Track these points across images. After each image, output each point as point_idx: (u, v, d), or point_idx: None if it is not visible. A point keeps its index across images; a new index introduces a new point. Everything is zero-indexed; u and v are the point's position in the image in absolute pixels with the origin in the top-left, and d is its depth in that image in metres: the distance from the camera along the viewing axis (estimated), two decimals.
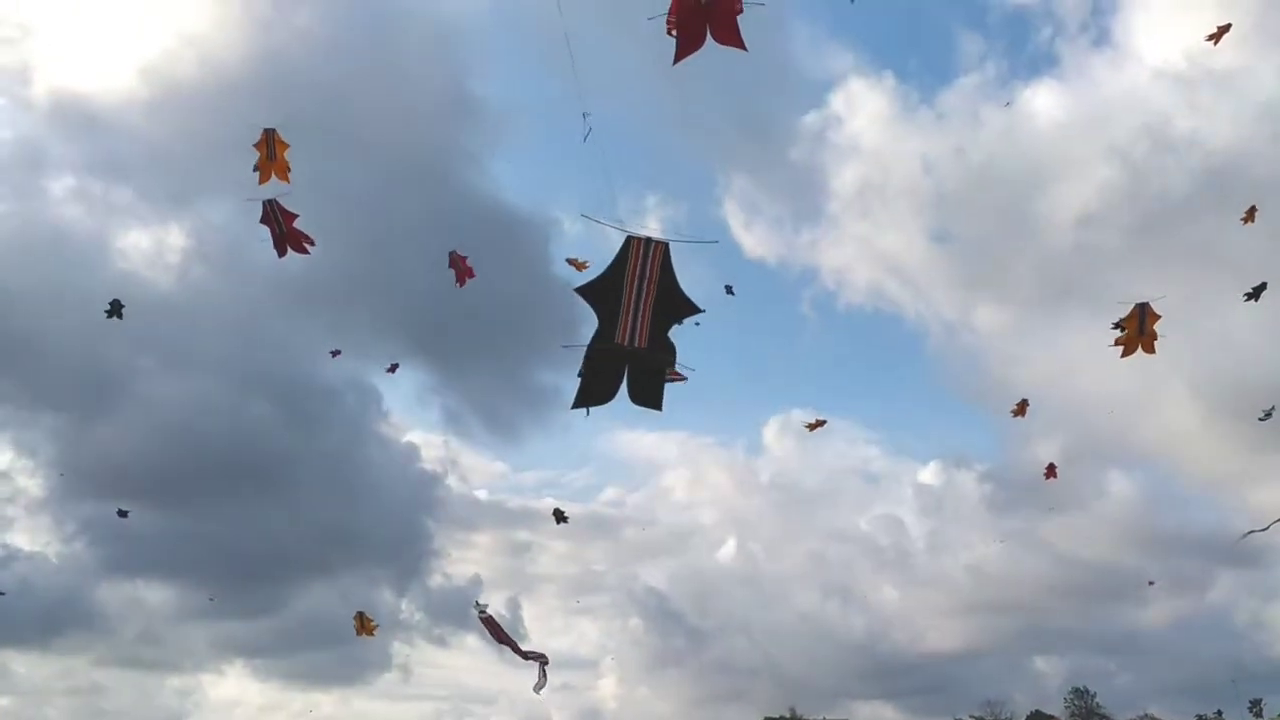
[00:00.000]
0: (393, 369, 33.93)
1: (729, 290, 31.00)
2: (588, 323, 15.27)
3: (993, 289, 53.78)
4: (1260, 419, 31.21)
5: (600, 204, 15.31)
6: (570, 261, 29.02)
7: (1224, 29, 24.67)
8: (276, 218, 19.14)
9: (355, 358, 42.04)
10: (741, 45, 13.88)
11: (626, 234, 15.05)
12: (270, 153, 19.25)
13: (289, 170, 19.29)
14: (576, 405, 15.81)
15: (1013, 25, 58.87)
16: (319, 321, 44.94)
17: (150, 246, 48.76)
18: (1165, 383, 44.76)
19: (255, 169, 19.36)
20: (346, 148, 42.85)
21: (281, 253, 19.59)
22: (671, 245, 15.13)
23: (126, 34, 47.40)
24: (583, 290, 15.33)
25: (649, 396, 15.87)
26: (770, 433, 58.54)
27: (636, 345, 15.29)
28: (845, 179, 57.98)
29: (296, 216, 19.41)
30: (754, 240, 50.11)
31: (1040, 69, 53.96)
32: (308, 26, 48.08)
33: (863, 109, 59.27)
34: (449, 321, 41.99)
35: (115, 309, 23.31)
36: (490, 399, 52.58)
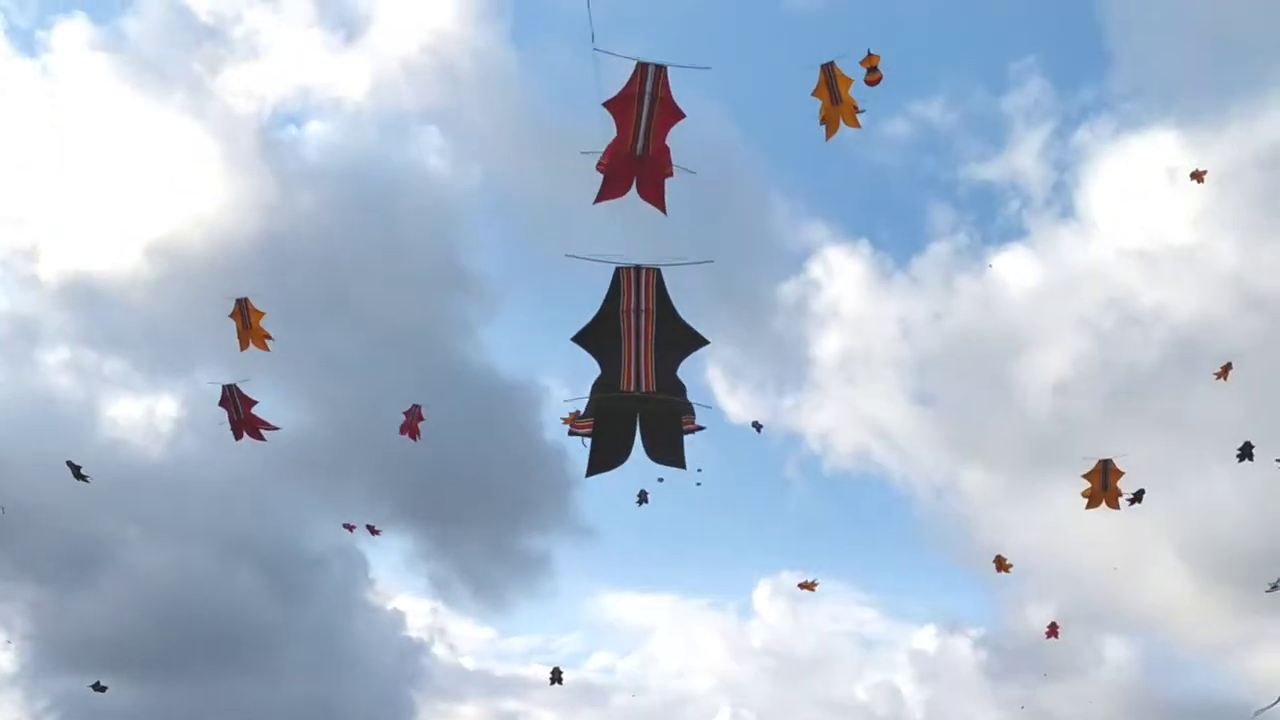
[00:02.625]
0: (374, 531, 33.65)
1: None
2: (579, 486, 14.51)
3: (977, 453, 53.82)
4: (1268, 590, 30.96)
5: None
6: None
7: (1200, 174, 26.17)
8: (235, 403, 19.41)
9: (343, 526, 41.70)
10: (662, 208, 13.74)
11: (614, 265, 13.99)
12: (245, 321, 19.58)
13: (268, 338, 19.71)
14: (591, 472, 14.63)
15: (981, 198, 60.76)
16: (308, 488, 44.87)
17: (141, 416, 48.94)
18: (1153, 548, 44.45)
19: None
20: (344, 320, 43.89)
21: (238, 437, 19.71)
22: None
23: (136, 214, 49.78)
24: (580, 338, 14.22)
25: (669, 452, 14.67)
26: (761, 595, 57.60)
27: (645, 388, 14.12)
28: (826, 343, 58.79)
29: (255, 403, 19.60)
30: (738, 405, 51.00)
31: (1010, 238, 56.23)
32: (311, 210, 49.90)
33: (840, 275, 60.52)
34: (439, 488, 42.07)
35: (75, 472, 22.80)
36: (478, 565, 51.84)
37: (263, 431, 19.92)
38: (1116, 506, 21.14)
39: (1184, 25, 51.35)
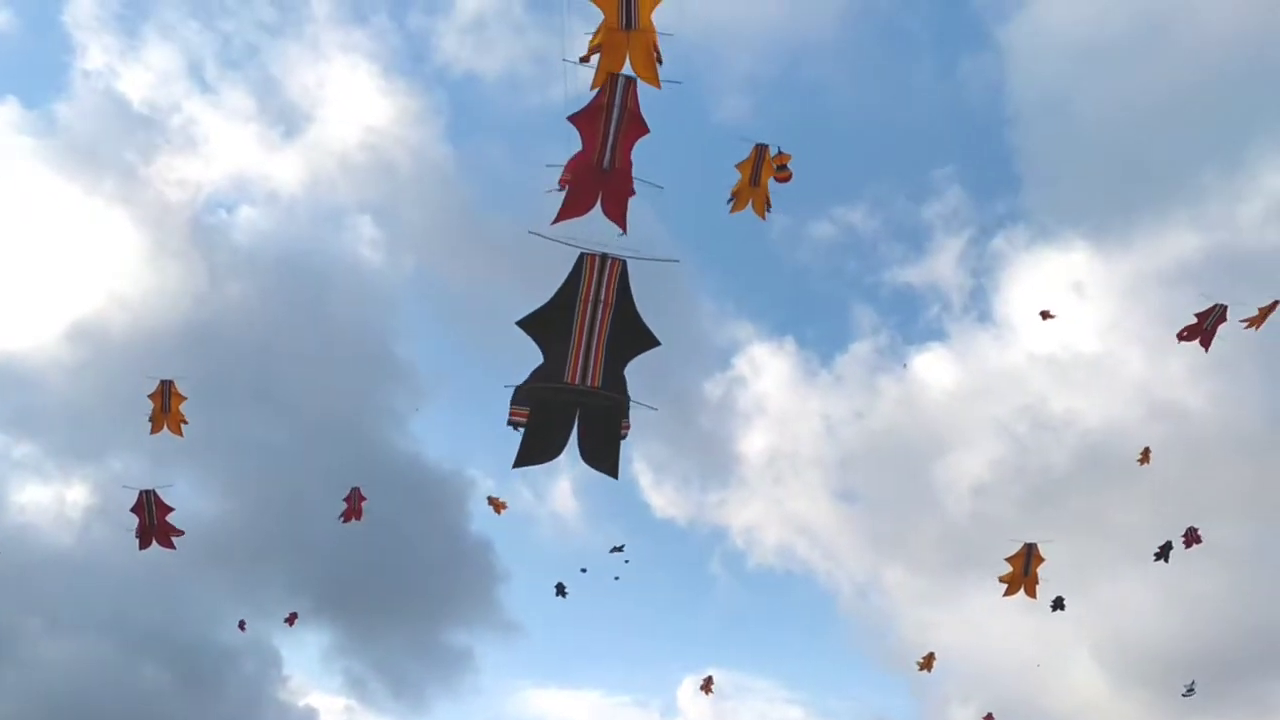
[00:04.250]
0: (291, 619, 32.65)
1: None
2: (503, 582, 13.78)
3: (899, 551, 54.41)
4: (1183, 695, 31.54)
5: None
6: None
7: (1047, 314, 27.79)
8: (150, 509, 18.93)
9: (258, 618, 40.57)
10: (623, 226, 13.17)
11: (579, 250, 13.32)
12: (165, 404, 19.34)
13: (184, 423, 19.42)
14: (519, 464, 14.05)
15: (902, 300, 62.64)
16: (224, 579, 43.65)
17: (50, 502, 47.43)
18: (1070, 649, 45.00)
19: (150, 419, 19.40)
20: (270, 408, 43.42)
21: (144, 545, 19.14)
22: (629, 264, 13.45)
23: (59, 297, 49.11)
24: (526, 322, 13.56)
25: (604, 458, 14.05)
26: (685, 694, 56.83)
27: (590, 383, 13.47)
28: (751, 439, 59.34)
29: (171, 510, 19.10)
30: (664, 500, 51.14)
31: (930, 339, 58.02)
32: (241, 297, 49.58)
33: (766, 372, 61.43)
34: (360, 580, 41.24)
35: None
36: (398, 662, 50.52)
37: (171, 539, 19.45)
38: (1034, 595, 21.41)
39: (1088, 151, 54.24)
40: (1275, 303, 20.43)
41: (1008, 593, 21.57)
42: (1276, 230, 46.52)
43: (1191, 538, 26.45)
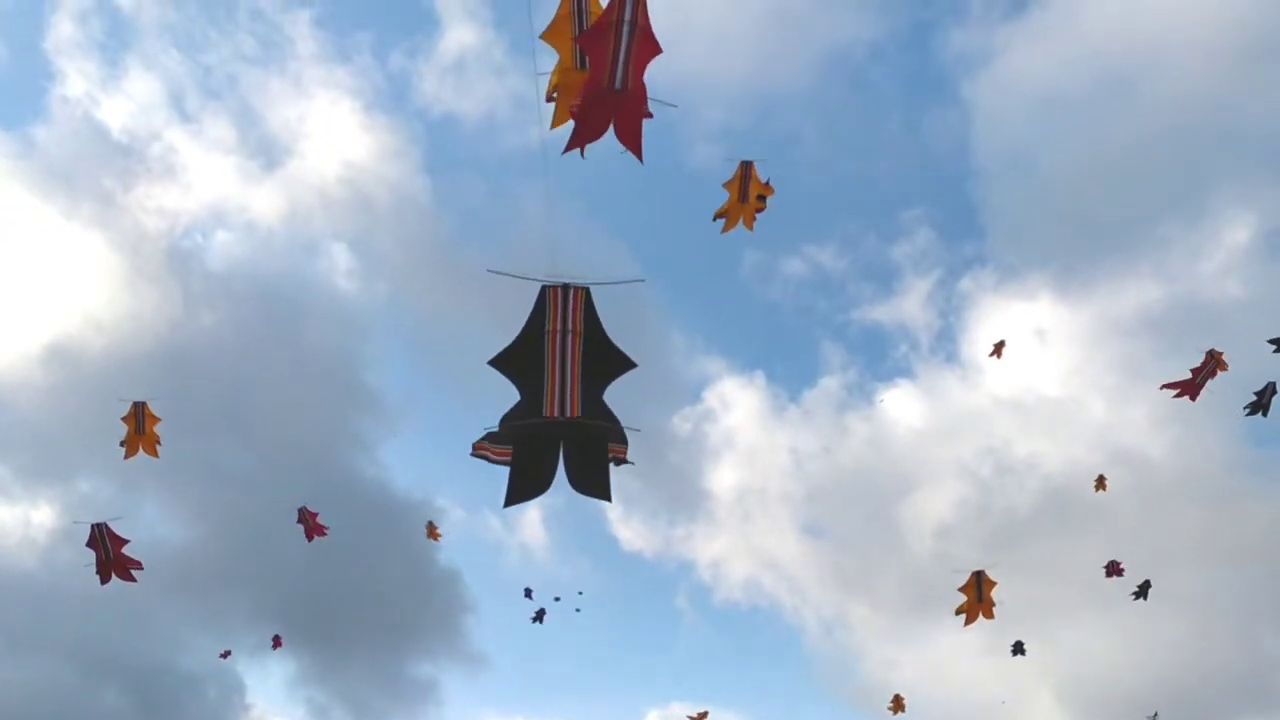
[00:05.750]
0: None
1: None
2: (471, 612, 13.20)
3: (864, 589, 54.77)
4: None
5: (486, 497, 13.86)
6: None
7: (1000, 345, 28.50)
8: (104, 542, 18.71)
9: (222, 645, 40.38)
10: (639, 153, 12.49)
11: (540, 284, 12.95)
12: (139, 426, 19.40)
13: (158, 444, 19.52)
14: (509, 503, 13.57)
15: (871, 339, 63.59)
16: (189, 605, 43.39)
17: (15, 524, 47.05)
18: (1032, 689, 45.48)
19: (122, 444, 19.46)
20: (241, 435, 43.37)
21: (105, 579, 18.95)
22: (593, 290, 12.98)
23: (33, 319, 48.95)
24: (498, 361, 13.24)
25: (594, 484, 13.65)
26: None
27: (570, 413, 13.16)
28: (719, 473, 59.75)
29: (126, 542, 18.85)
30: (631, 533, 51.15)
31: (898, 376, 58.68)
32: (215, 324, 49.69)
33: (736, 406, 61.98)
34: (326, 608, 41.13)
35: None
36: (362, 692, 50.21)
37: (131, 572, 19.25)
38: (991, 617, 21.74)
39: (1052, 203, 55.47)
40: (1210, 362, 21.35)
41: (967, 622, 21.69)
42: (1236, 282, 47.77)
43: (1114, 570, 27.66)
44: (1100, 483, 28.33)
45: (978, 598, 21.55)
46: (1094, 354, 48.23)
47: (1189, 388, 21.76)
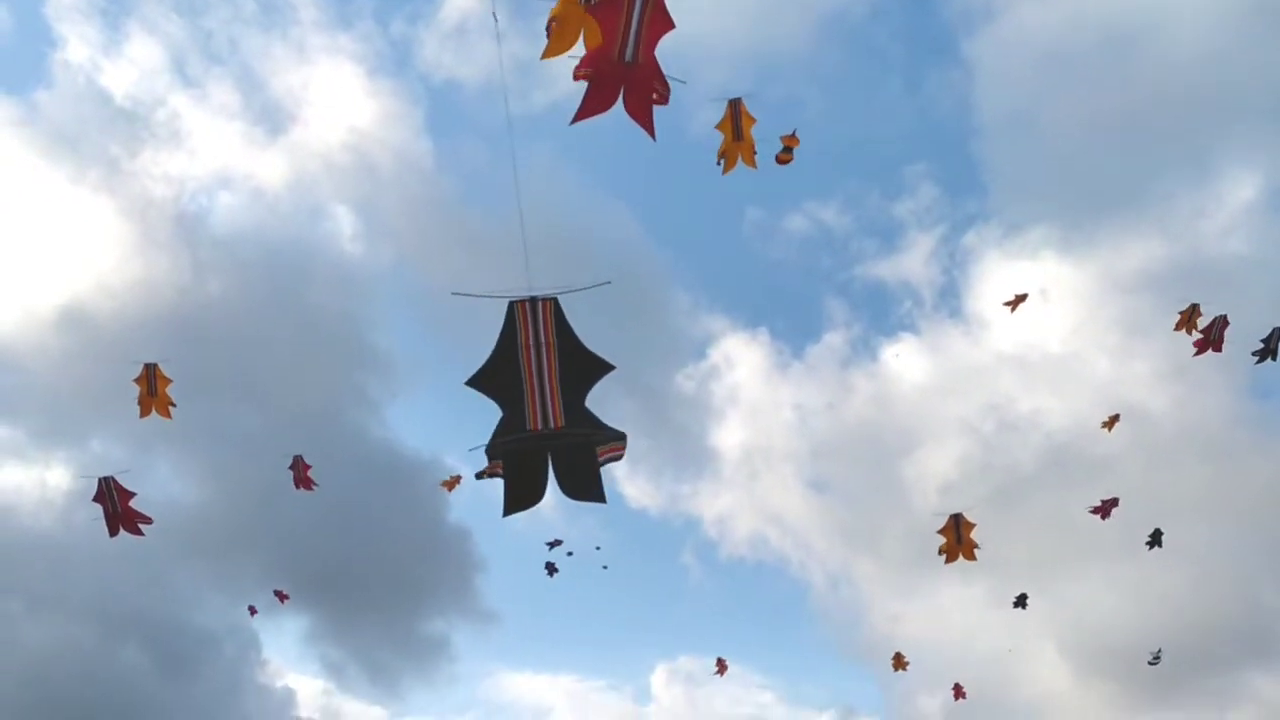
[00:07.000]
0: (282, 598, 32.99)
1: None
2: (480, 571, 13.45)
3: (869, 544, 55.25)
4: (1150, 662, 32.34)
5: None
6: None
7: (1020, 298, 28.06)
8: (111, 496, 18.81)
9: (237, 603, 41.07)
10: (649, 129, 12.29)
11: (507, 299, 12.95)
12: (152, 387, 19.63)
13: (171, 405, 19.78)
14: (508, 513, 13.78)
15: (874, 295, 63.61)
16: (203, 564, 44.08)
17: (32, 485, 47.69)
18: (1036, 643, 46.04)
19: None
20: (251, 397, 43.75)
21: (113, 532, 19.07)
22: (562, 299, 12.97)
23: (44, 283, 49.40)
24: (475, 381, 13.30)
25: (585, 488, 13.76)
26: (659, 680, 57.50)
27: (554, 425, 13.26)
28: (724, 430, 60.09)
29: (133, 495, 18.97)
30: (637, 491, 51.64)
31: (901, 332, 58.80)
32: (221, 293, 49.98)
33: (740, 362, 62.17)
34: (338, 568, 41.75)
35: None
36: (375, 651, 51.05)
37: (139, 525, 19.29)
38: (973, 558, 22.30)
39: (1055, 161, 55.18)
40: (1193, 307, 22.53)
41: (947, 561, 22.39)
42: (1240, 240, 47.67)
43: (1103, 510, 27.72)
44: (1111, 422, 28.38)
45: (957, 540, 22.11)
46: (1097, 310, 48.22)
47: (1207, 344, 22.97)
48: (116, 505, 18.86)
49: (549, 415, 13.28)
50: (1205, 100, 50.28)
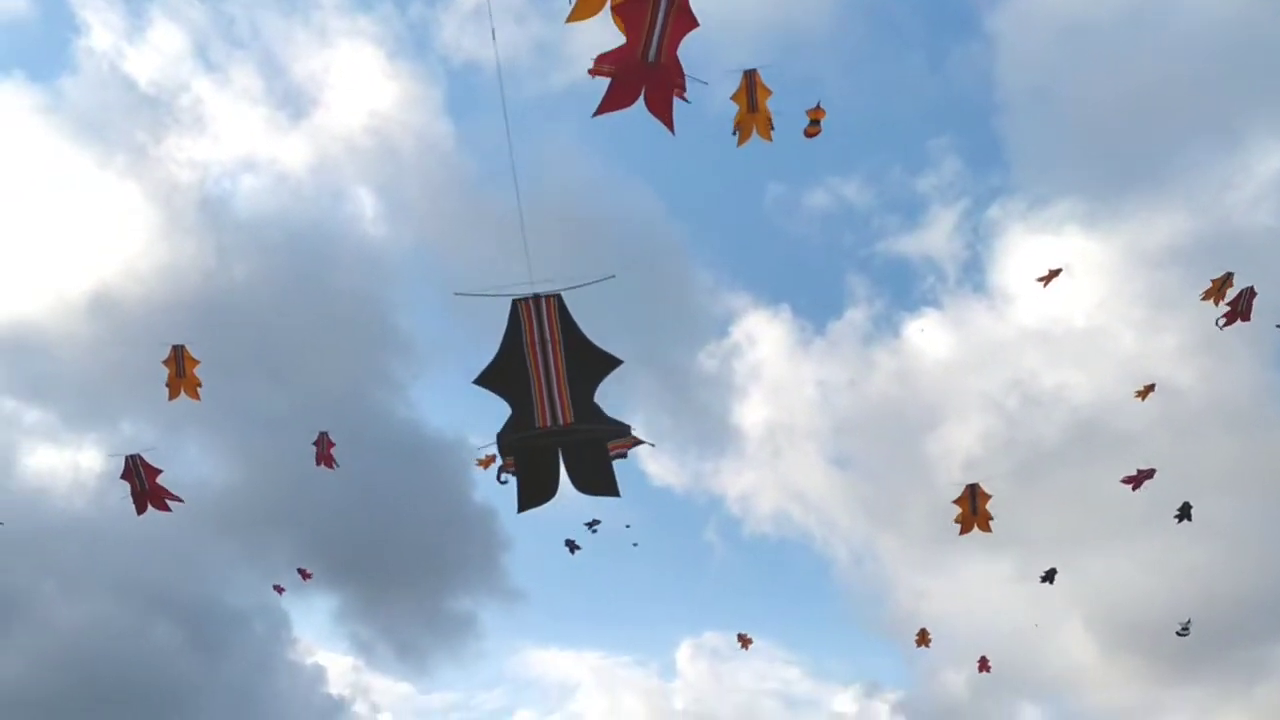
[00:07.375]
0: (305, 576, 33.34)
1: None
2: (506, 550, 13.26)
3: (892, 520, 55.22)
4: (1178, 633, 32.25)
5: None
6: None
7: (1054, 272, 27.79)
8: (139, 474, 18.99)
9: (267, 582, 41.65)
10: (670, 125, 12.32)
11: (510, 298, 12.88)
12: (180, 369, 19.83)
13: (199, 386, 20.00)
14: (522, 509, 13.81)
15: (897, 271, 63.22)
16: (234, 544, 44.64)
17: (64, 468, 48.45)
18: (1061, 618, 45.98)
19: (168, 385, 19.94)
20: (277, 378, 44.19)
21: (141, 510, 19.22)
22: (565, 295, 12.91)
23: (72, 268, 50.26)
24: (483, 380, 13.31)
25: (598, 482, 13.71)
26: (684, 656, 58.04)
27: (563, 421, 13.20)
28: (747, 407, 60.04)
29: (160, 472, 19.14)
30: (660, 468, 51.80)
31: (924, 307, 58.44)
32: (246, 276, 50.42)
33: (762, 339, 62.02)
34: (366, 547, 42.14)
35: None
36: (404, 629, 51.63)
37: (168, 502, 19.43)
38: (988, 529, 22.29)
39: (1079, 135, 54.52)
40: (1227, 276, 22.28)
41: (962, 531, 22.39)
42: (1266, 212, 47.00)
43: (1135, 480, 26.88)
44: (1145, 392, 27.85)
45: (972, 510, 22.11)
46: (1123, 285, 47.87)
47: (1235, 316, 22.73)
48: (144, 482, 19.09)
49: (557, 412, 13.25)
50: (1230, 70, 49.56)
